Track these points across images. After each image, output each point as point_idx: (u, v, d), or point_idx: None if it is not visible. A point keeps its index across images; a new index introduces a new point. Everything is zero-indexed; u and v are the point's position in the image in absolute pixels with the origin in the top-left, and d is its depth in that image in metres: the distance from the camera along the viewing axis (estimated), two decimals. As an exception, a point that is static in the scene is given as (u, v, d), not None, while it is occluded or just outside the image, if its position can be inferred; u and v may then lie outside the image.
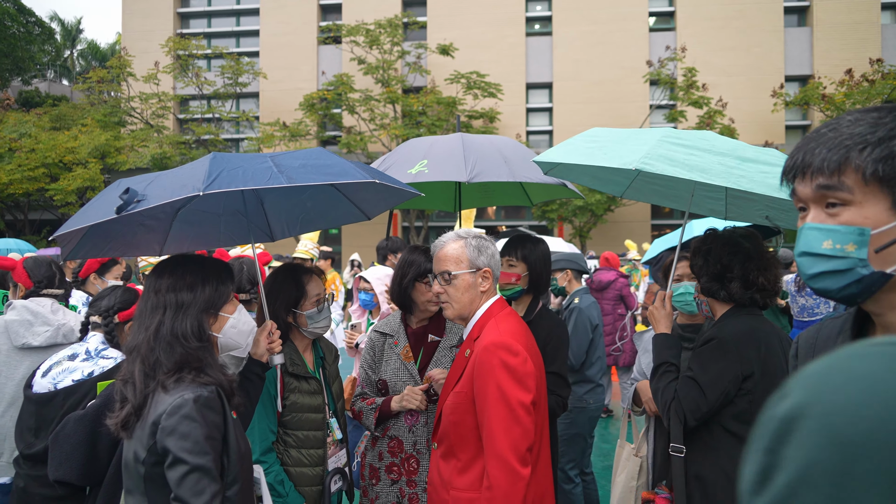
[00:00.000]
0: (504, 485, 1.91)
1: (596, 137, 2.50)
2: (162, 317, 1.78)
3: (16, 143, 16.74)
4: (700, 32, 19.45)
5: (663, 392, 2.35)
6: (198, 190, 1.67)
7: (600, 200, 16.62)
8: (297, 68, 21.01)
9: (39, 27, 28.80)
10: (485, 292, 2.19)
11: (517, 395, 1.95)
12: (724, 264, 2.38)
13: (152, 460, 1.66)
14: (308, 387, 2.58)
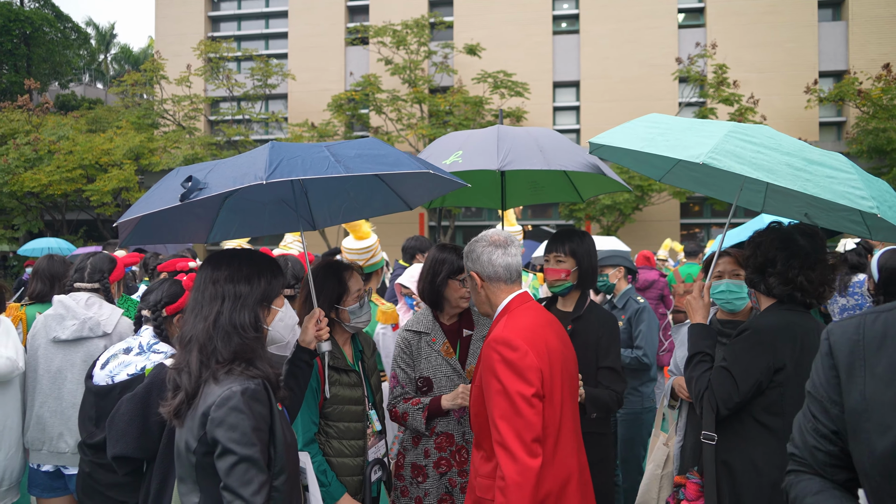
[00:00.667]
0: (513, 475, 1.94)
1: (657, 123, 2.44)
2: (221, 307, 1.82)
3: (55, 145, 17.20)
4: (730, 28, 19.13)
5: (697, 381, 2.38)
6: (260, 179, 1.71)
7: (628, 199, 16.43)
8: (325, 69, 21.22)
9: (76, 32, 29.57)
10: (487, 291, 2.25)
11: (517, 387, 1.99)
12: (768, 258, 2.39)
13: (203, 450, 1.71)
14: (348, 379, 2.64)
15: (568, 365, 2.21)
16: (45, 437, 2.92)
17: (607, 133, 2.50)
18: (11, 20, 24.21)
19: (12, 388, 2.71)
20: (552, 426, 2.07)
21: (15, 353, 2.65)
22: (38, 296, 3.72)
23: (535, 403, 2.00)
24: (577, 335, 2.84)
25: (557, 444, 2.08)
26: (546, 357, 2.08)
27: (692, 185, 3.11)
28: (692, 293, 2.60)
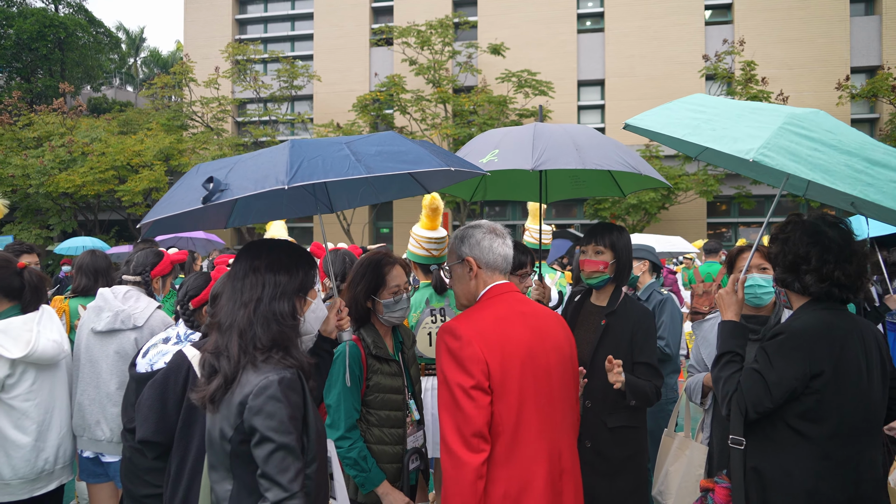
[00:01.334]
0: (448, 469, 1.87)
1: (703, 107, 2.25)
2: (262, 294, 1.84)
3: (88, 147, 17.63)
4: (759, 24, 18.82)
5: (725, 382, 2.25)
6: (282, 183, 1.72)
7: (654, 198, 16.28)
8: (349, 70, 21.39)
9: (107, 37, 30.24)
10: (475, 279, 2.14)
11: (457, 378, 1.91)
12: (799, 254, 2.23)
13: (239, 438, 1.74)
14: (389, 369, 2.71)
15: (540, 361, 2.03)
16: (84, 424, 3.04)
17: (647, 114, 2.33)
18: (47, 26, 24.86)
19: (60, 371, 2.83)
20: (505, 423, 1.93)
21: (60, 336, 2.76)
22: (83, 290, 3.86)
23: (475, 396, 1.89)
24: (610, 330, 2.83)
25: (515, 444, 1.94)
26: (498, 349, 1.95)
27: (732, 164, 2.94)
28: (725, 288, 2.45)
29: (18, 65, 26.55)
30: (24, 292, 2.79)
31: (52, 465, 2.74)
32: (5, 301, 2.78)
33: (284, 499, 1.68)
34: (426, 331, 3.76)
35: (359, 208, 20.06)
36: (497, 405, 1.93)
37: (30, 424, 2.67)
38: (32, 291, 2.81)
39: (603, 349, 2.80)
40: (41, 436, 2.70)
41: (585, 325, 2.98)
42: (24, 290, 2.79)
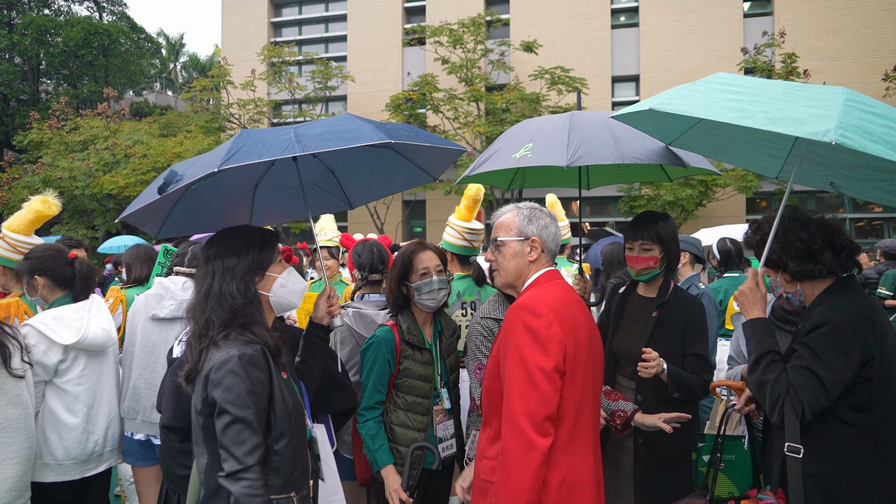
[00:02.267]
0: (515, 451, 1.80)
1: (737, 87, 2.07)
2: (212, 280, 1.96)
3: (130, 149, 18.18)
4: (801, 15, 18.30)
5: (774, 385, 2.05)
6: (214, 166, 1.78)
7: (691, 195, 15.96)
8: (383, 70, 21.57)
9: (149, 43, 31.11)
10: (533, 262, 2.12)
11: (536, 358, 1.84)
12: (803, 239, 2.19)
13: (206, 411, 1.83)
14: (421, 356, 2.74)
15: (595, 350, 2.05)
16: (139, 407, 3.15)
17: (672, 96, 2.10)
18: (92, 33, 25.72)
19: (108, 358, 2.95)
20: (570, 408, 1.89)
21: (108, 325, 2.87)
22: (145, 278, 4.03)
23: (553, 378, 1.83)
24: (662, 321, 2.76)
25: (575, 430, 1.91)
26: (572, 332, 1.93)
27: (706, 149, 2.80)
28: (746, 284, 2.28)
29: (66, 71, 27.52)
30: (74, 282, 2.91)
31: (102, 448, 2.85)
32: (57, 290, 2.90)
33: (238, 471, 1.74)
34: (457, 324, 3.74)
35: (392, 207, 20.21)
36: (566, 389, 1.89)
37: (80, 407, 2.78)
38: (83, 281, 2.93)
39: (655, 341, 2.73)
40: (91, 418, 2.81)
41: (634, 317, 2.89)
42: (76, 279, 2.91)
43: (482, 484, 1.99)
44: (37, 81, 27.74)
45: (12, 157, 21.81)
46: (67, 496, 2.78)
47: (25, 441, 2.40)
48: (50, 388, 2.74)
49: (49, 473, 2.70)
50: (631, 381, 2.80)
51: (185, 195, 2.22)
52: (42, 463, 2.68)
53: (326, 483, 2.23)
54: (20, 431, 2.38)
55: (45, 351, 2.68)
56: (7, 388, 2.35)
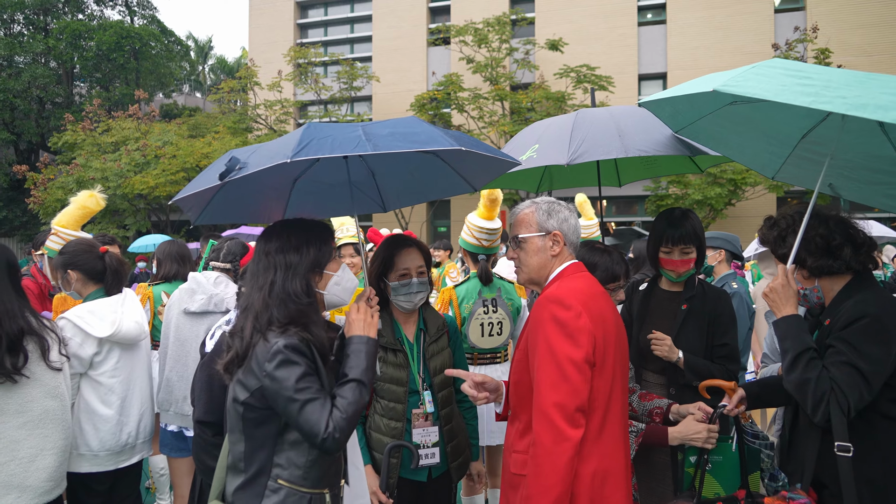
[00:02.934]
0: (547, 443, 1.80)
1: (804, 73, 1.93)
2: (274, 276, 1.92)
3: (160, 150, 18.52)
4: (834, 10, 17.88)
5: (818, 383, 1.99)
6: (286, 157, 1.76)
7: (720, 194, 15.71)
8: (407, 70, 21.65)
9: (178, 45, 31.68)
10: (556, 256, 2.10)
11: (566, 350, 1.84)
12: (823, 235, 2.16)
13: (252, 402, 1.83)
14: (394, 359, 2.59)
15: (622, 342, 2.04)
16: (172, 399, 3.22)
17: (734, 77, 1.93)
18: (123, 37, 26.25)
19: (140, 351, 3.00)
20: (600, 399, 1.89)
21: (141, 318, 2.92)
22: (173, 275, 4.16)
23: (583, 369, 1.83)
24: (692, 314, 2.76)
25: (606, 421, 1.90)
26: (601, 323, 1.92)
27: (709, 141, 2.75)
28: (777, 280, 2.21)
29: (98, 75, 28.16)
30: (105, 275, 2.96)
31: (134, 440, 2.90)
32: (90, 284, 2.96)
33: (325, 438, 1.76)
34: (478, 321, 3.73)
35: (417, 207, 20.26)
36: (596, 380, 1.88)
37: (114, 399, 2.84)
38: (113, 274, 2.98)
39: (685, 334, 2.73)
40: (124, 410, 2.86)
41: (660, 311, 2.88)
42: (106, 272, 2.96)
43: (512, 478, 1.98)
44: (71, 85, 28.44)
45: (48, 158, 22.40)
46: (102, 486, 2.83)
47: (62, 432, 2.45)
48: (85, 380, 2.80)
49: (84, 464, 2.76)
50: (660, 376, 2.79)
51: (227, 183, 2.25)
52: (77, 453, 2.74)
53: (352, 488, 2.20)
54: (58, 423, 2.43)
55: (80, 343, 2.73)
56: (46, 380, 2.40)
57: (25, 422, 2.31)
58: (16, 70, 25.98)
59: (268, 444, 1.85)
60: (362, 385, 1.88)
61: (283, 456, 1.84)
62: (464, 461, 2.73)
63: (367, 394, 1.89)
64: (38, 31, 27.64)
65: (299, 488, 1.83)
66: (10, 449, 2.27)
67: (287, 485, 1.82)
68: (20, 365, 2.26)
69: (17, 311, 2.32)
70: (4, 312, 2.27)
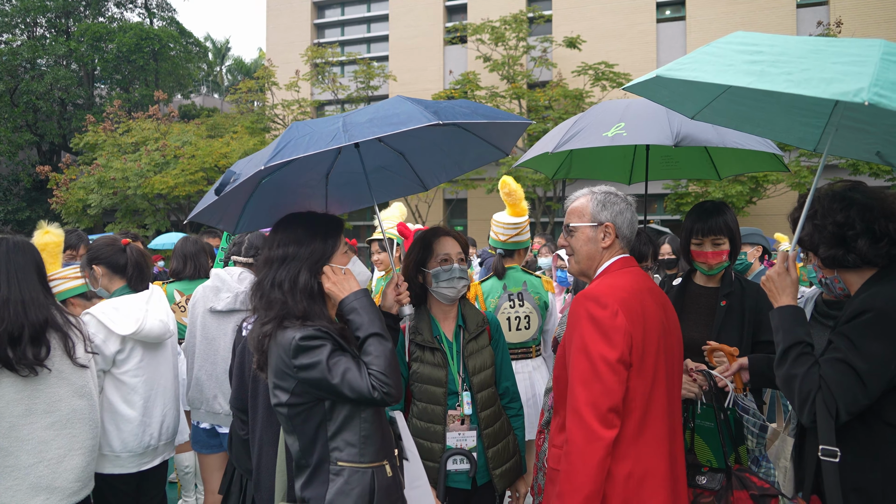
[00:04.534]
0: (579, 442, 1.78)
1: (756, 46, 1.83)
2: (269, 270, 1.95)
3: (179, 150, 18.70)
4: (858, 3, 17.54)
5: (804, 380, 1.84)
6: (260, 165, 1.77)
7: (741, 192, 15.46)
8: (424, 69, 21.62)
9: (197, 47, 31.95)
10: (607, 248, 2.06)
11: (600, 348, 1.82)
12: (839, 222, 1.93)
13: (294, 401, 1.85)
14: (432, 358, 2.49)
15: (669, 339, 1.99)
16: (202, 398, 3.21)
17: (682, 61, 1.89)
18: (143, 38, 26.54)
19: (165, 350, 2.97)
20: (638, 399, 1.86)
21: (167, 317, 2.89)
22: (175, 273, 4.11)
23: (618, 369, 1.81)
24: (732, 311, 2.68)
25: (645, 422, 1.87)
26: (640, 322, 1.88)
27: (734, 121, 2.56)
28: (775, 268, 2.07)
29: (119, 76, 28.50)
30: (127, 268, 2.94)
31: (157, 441, 2.87)
32: (116, 279, 2.94)
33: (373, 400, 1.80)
34: (504, 316, 3.71)
35: (433, 206, 20.23)
36: (633, 380, 1.85)
37: (137, 399, 2.80)
38: (135, 267, 2.95)
39: (726, 331, 2.65)
40: (147, 411, 2.83)
41: (695, 307, 2.81)
42: (128, 266, 2.94)
43: (550, 472, 1.99)
44: (92, 86, 28.81)
45: (69, 158, 22.71)
46: (128, 486, 2.81)
47: (90, 432, 2.43)
48: (108, 378, 2.77)
49: (107, 465, 2.74)
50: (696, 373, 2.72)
51: (257, 189, 2.22)
52: (100, 454, 2.71)
53: (412, 465, 2.17)
54: (85, 422, 2.41)
55: (103, 340, 2.71)
56: (73, 379, 2.38)
57: (54, 422, 2.30)
58: (38, 72, 26.37)
59: (320, 433, 1.87)
60: (378, 335, 1.88)
61: (337, 440, 1.87)
62: (508, 470, 2.55)
63: (388, 340, 1.90)
64: (60, 34, 28.02)
65: (359, 465, 1.86)
66: (38, 450, 2.25)
67: (348, 464, 1.85)
68: (42, 357, 2.25)
69: (44, 302, 2.31)
70: (31, 301, 2.27)
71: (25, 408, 2.24)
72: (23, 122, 26.18)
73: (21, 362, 2.19)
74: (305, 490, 1.88)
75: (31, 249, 2.39)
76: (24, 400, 2.24)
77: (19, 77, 25.96)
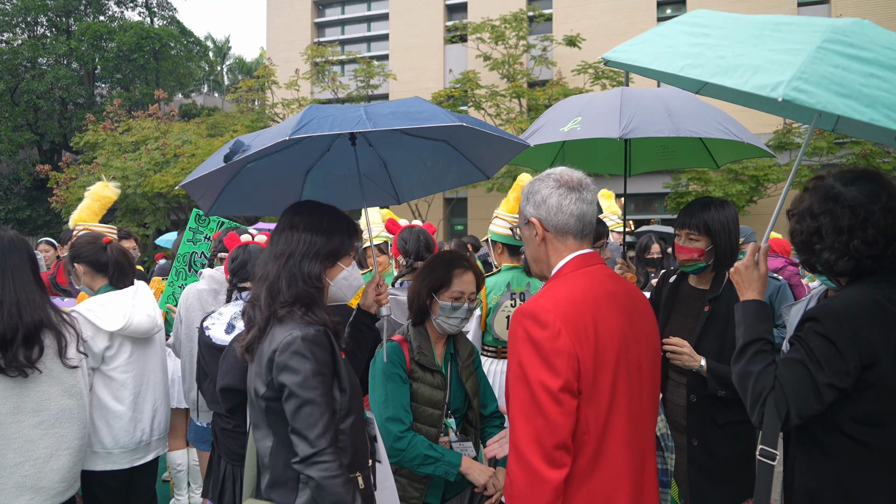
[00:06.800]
0: (522, 485, 1.55)
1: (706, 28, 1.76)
2: (293, 250, 1.90)
3: (179, 149, 18.67)
4: (860, 3, 17.50)
5: (758, 378, 1.76)
6: (285, 135, 1.74)
7: (742, 191, 15.42)
8: (424, 68, 21.59)
9: (197, 46, 31.96)
10: (547, 247, 1.77)
11: (540, 376, 1.55)
12: (810, 230, 1.81)
13: (271, 395, 1.78)
14: (432, 379, 2.49)
15: (633, 352, 1.70)
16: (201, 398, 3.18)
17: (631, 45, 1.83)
18: (143, 37, 26.53)
19: (154, 345, 2.96)
20: (592, 431, 1.60)
21: (154, 311, 2.88)
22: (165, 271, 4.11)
23: (562, 400, 1.54)
24: (716, 316, 2.59)
25: (600, 454, 1.61)
26: (591, 340, 1.59)
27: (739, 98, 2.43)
28: (743, 260, 1.96)
29: (119, 75, 28.49)
30: (108, 267, 2.92)
31: (149, 437, 2.87)
32: (98, 277, 2.93)
33: (313, 454, 1.71)
34: (504, 314, 3.68)
35: (433, 205, 20.20)
36: (584, 409, 1.59)
37: (127, 395, 2.79)
38: (115, 266, 2.94)
39: (707, 337, 2.58)
40: (137, 406, 2.82)
41: (684, 308, 2.75)
42: (108, 265, 2.92)
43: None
44: (92, 85, 28.81)
45: (70, 157, 22.70)
46: (119, 483, 2.80)
47: (79, 432, 2.42)
48: (97, 375, 2.76)
49: (99, 462, 2.73)
50: (682, 375, 2.67)
51: (239, 173, 2.21)
52: (91, 451, 2.70)
53: (382, 466, 2.16)
54: (74, 422, 2.39)
55: (91, 337, 2.69)
56: (63, 378, 2.36)
57: (41, 421, 2.28)
58: (39, 71, 26.37)
59: None
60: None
61: None
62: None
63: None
64: (61, 33, 28.01)
65: None
66: (25, 449, 2.24)
67: None
68: (34, 358, 2.23)
69: (39, 302, 2.29)
70: (26, 302, 2.24)
71: (13, 406, 2.22)
72: (23, 122, 26.16)
73: (11, 365, 2.17)
74: (272, 493, 1.82)
75: (25, 245, 2.37)
76: (13, 398, 2.22)
77: (20, 76, 25.95)
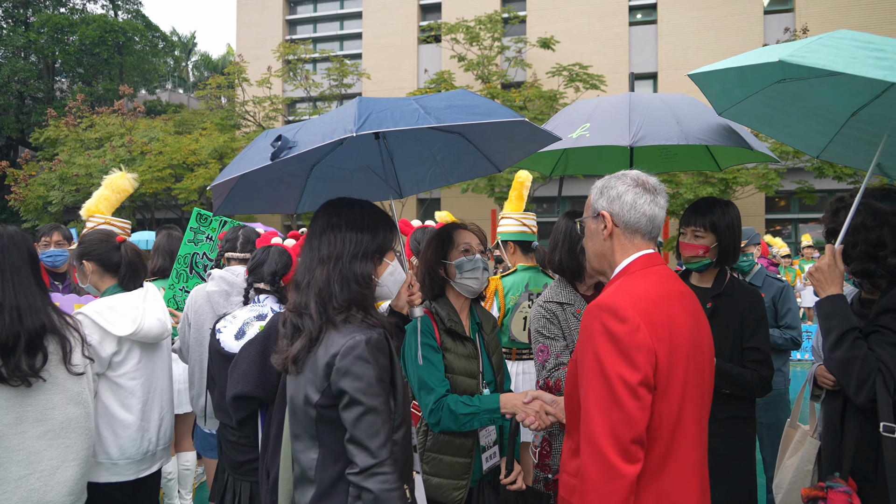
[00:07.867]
0: (596, 480, 1.54)
1: (874, 44, 1.91)
2: (340, 251, 1.78)
3: (146, 146, 18.16)
4: (823, 11, 18.06)
5: (864, 362, 1.96)
6: (350, 131, 1.64)
7: (711, 193, 15.75)
8: (398, 68, 21.47)
9: (163, 41, 31.18)
10: (614, 243, 1.78)
11: (618, 369, 1.56)
12: (871, 241, 2.13)
13: (325, 402, 1.67)
14: (464, 349, 2.44)
15: (699, 353, 1.72)
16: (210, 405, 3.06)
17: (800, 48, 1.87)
18: (107, 31, 25.76)
19: (161, 350, 2.81)
20: (664, 427, 1.61)
21: (164, 316, 2.74)
22: (160, 270, 3.93)
23: (641, 394, 1.55)
24: (717, 314, 2.62)
25: (670, 452, 1.63)
26: (667, 338, 1.61)
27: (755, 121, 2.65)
28: (824, 259, 2.16)
29: (81, 70, 27.58)
30: (120, 267, 2.78)
31: (155, 447, 2.73)
32: (107, 277, 2.77)
33: (373, 465, 1.61)
34: (522, 315, 3.65)
35: (407, 205, 20.10)
36: (658, 405, 1.59)
37: (135, 403, 2.65)
38: (128, 266, 2.78)
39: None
40: (145, 415, 2.68)
41: None
42: (121, 264, 2.78)
43: (561, 501, 1.81)
44: (52, 79, 27.82)
45: (29, 154, 21.85)
46: (124, 495, 2.65)
47: (85, 442, 2.28)
48: (103, 381, 2.60)
49: (103, 473, 2.58)
50: None
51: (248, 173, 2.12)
52: (96, 462, 2.55)
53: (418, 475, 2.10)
54: (80, 431, 2.25)
55: (99, 342, 2.54)
56: (68, 385, 2.22)
57: (46, 431, 2.14)
58: (-5, 64, 25.38)
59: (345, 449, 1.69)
60: None
61: None
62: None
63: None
64: (18, 25, 26.98)
65: None
66: (29, 461, 2.09)
67: None
68: (38, 366, 2.07)
69: (41, 306, 2.14)
70: (27, 307, 2.08)
71: (16, 416, 2.08)
72: (-22, 116, 25.17)
73: (14, 374, 2.02)
74: None
75: (26, 243, 2.19)
76: (15, 408, 2.07)
77: (-26, 69, 24.95)
